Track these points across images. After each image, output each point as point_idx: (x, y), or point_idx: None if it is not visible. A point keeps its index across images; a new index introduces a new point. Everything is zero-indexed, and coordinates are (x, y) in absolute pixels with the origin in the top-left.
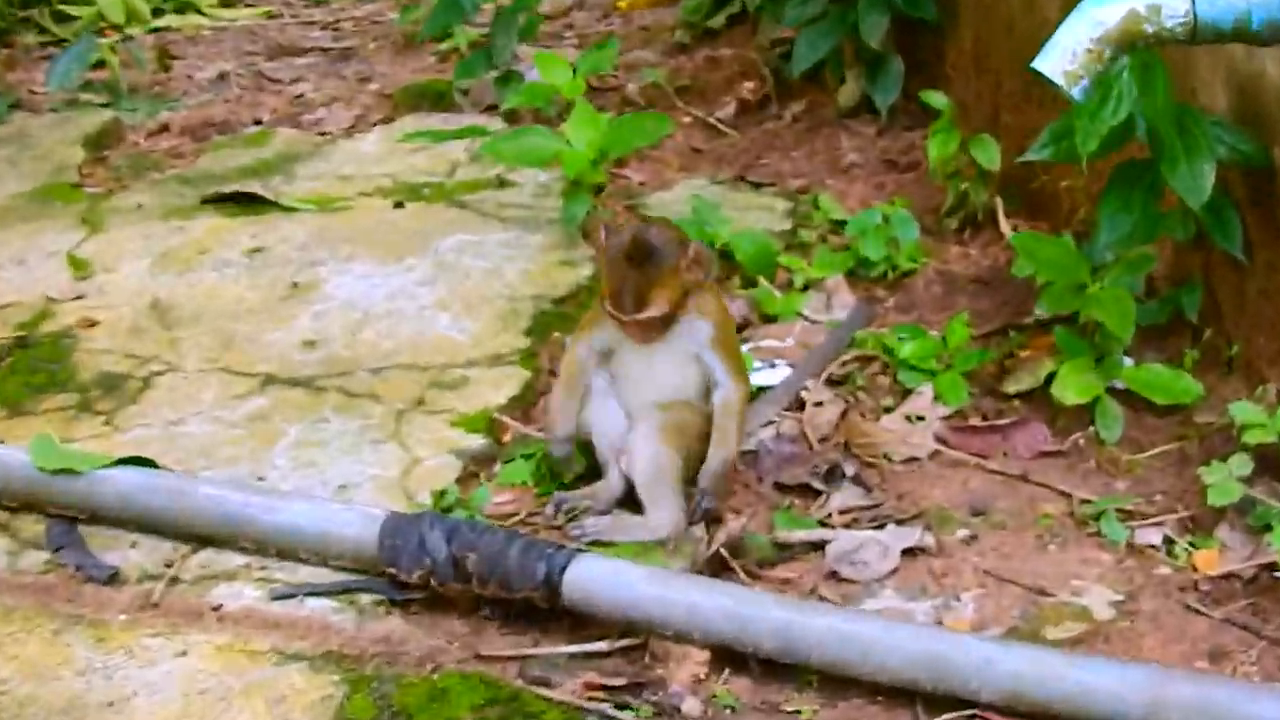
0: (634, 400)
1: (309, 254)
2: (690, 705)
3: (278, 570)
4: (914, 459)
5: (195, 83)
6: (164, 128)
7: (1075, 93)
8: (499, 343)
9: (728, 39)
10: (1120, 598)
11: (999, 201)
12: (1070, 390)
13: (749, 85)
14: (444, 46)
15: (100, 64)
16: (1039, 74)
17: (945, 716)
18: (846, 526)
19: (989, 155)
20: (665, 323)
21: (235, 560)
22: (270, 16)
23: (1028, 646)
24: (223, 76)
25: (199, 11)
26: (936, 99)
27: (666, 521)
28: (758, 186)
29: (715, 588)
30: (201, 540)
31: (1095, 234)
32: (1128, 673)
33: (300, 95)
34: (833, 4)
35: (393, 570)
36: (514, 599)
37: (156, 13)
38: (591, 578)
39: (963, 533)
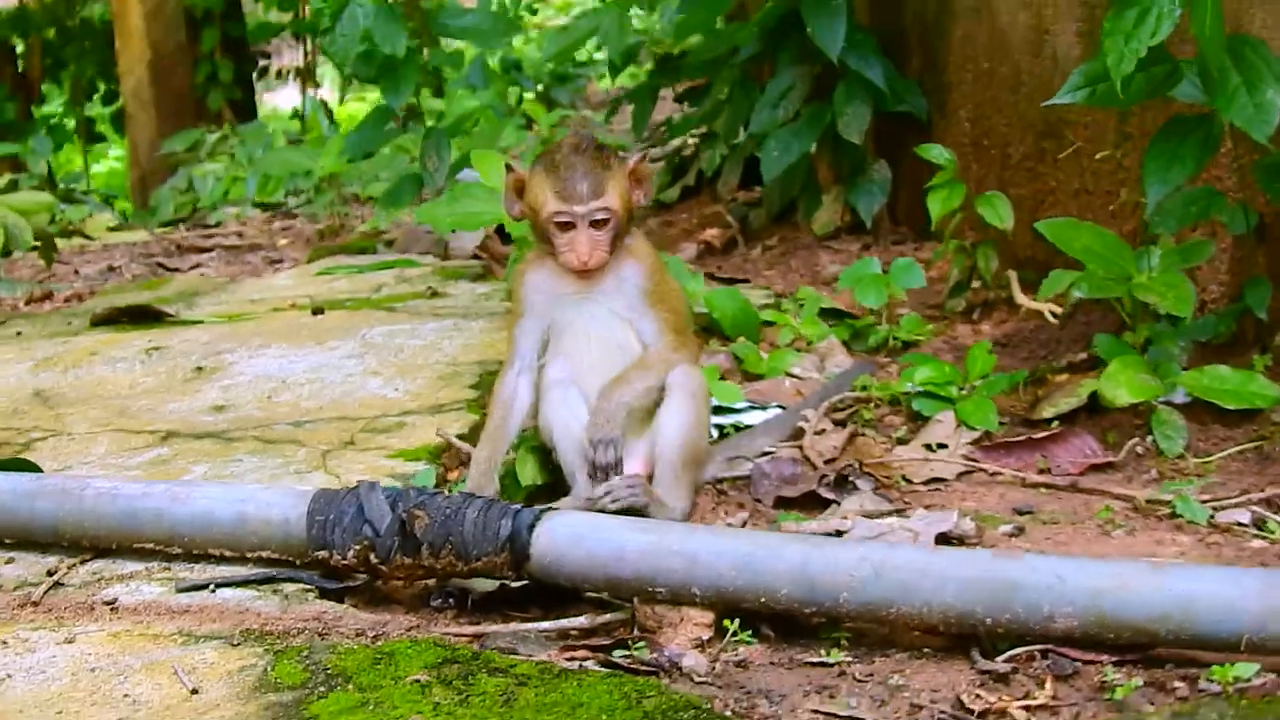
0: (595, 382)
1: (214, 347)
2: (694, 660)
3: (183, 571)
4: (938, 479)
5: (82, 276)
6: (47, 296)
7: None
8: (441, 396)
9: (683, 208)
10: None
11: (1013, 275)
12: (1124, 388)
13: (712, 232)
14: (365, 227)
15: None
16: None
17: (1012, 653)
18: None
19: (1000, 213)
20: (613, 239)
21: (131, 566)
22: (168, 232)
23: (1108, 560)
24: (113, 269)
25: (86, 236)
26: (936, 152)
27: (683, 509)
28: (732, 282)
29: (718, 533)
30: (95, 546)
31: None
32: (1240, 577)
33: (202, 276)
34: (806, 104)
35: (324, 553)
36: (471, 571)
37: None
38: (566, 533)
39: (1007, 528)
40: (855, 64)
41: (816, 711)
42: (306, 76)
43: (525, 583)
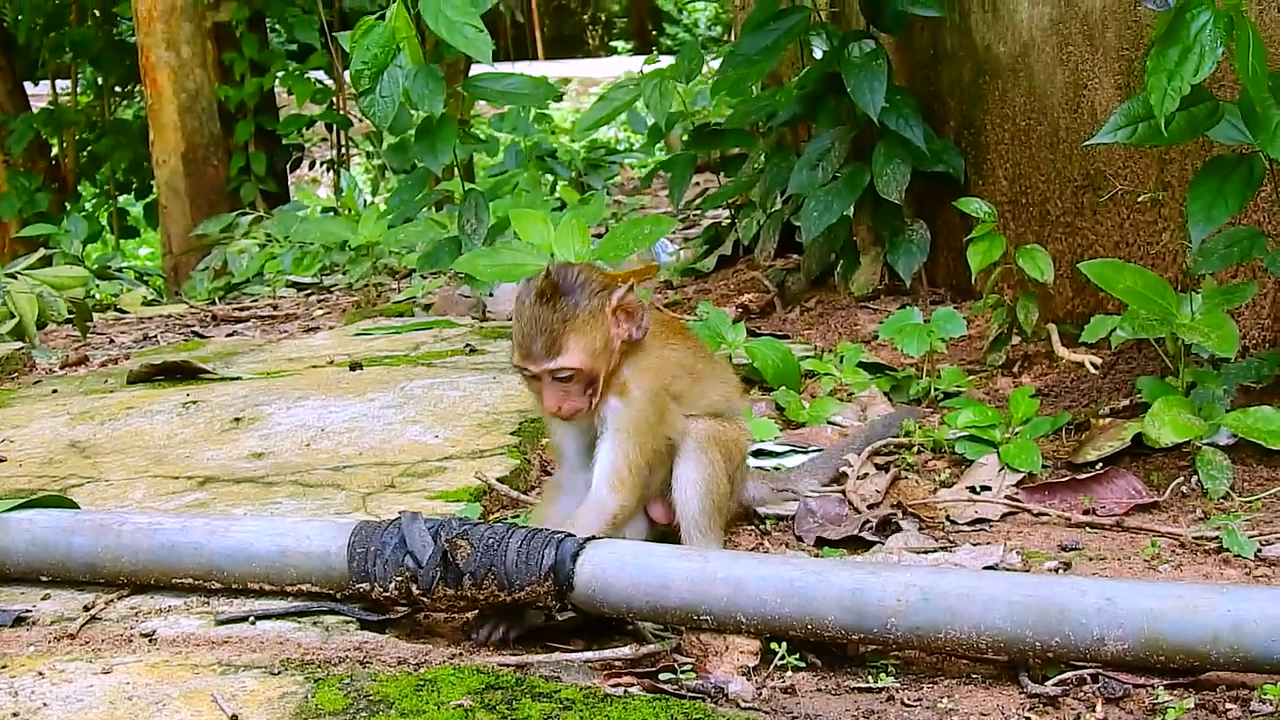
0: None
1: (253, 400)
2: (740, 687)
3: (222, 605)
4: (983, 520)
5: (118, 344)
6: (82, 360)
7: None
8: (481, 442)
9: (720, 276)
10: None
11: (1053, 328)
12: (1168, 428)
13: (749, 296)
14: (400, 298)
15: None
16: None
17: (1061, 677)
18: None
19: (1039, 266)
20: (588, 387)
21: (170, 601)
22: (203, 305)
23: (1157, 581)
24: (148, 338)
25: (121, 310)
26: (975, 206)
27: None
28: (776, 337)
29: (763, 559)
30: (132, 582)
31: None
32: None
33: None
34: (845, 166)
35: (365, 586)
36: (515, 601)
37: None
38: (611, 562)
39: (1052, 564)
40: (895, 124)
41: None
42: (339, 168)
43: (570, 615)
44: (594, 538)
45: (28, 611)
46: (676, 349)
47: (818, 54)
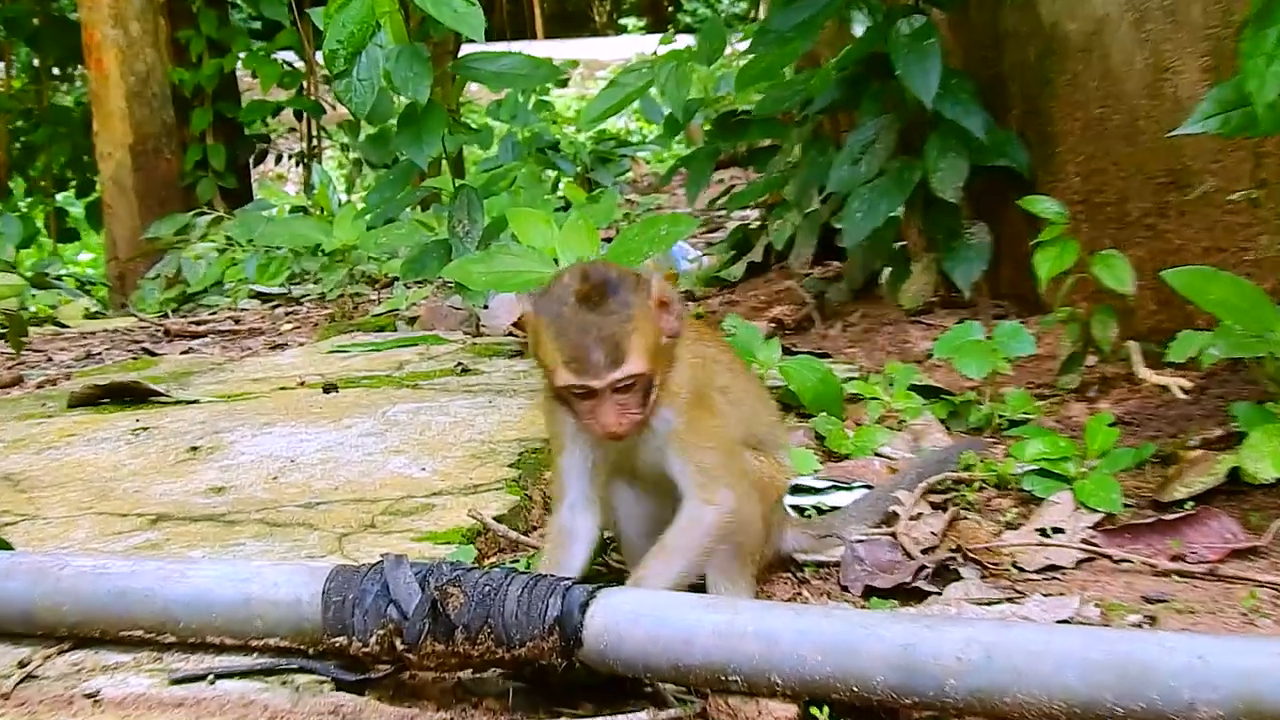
0: (637, 534)
1: (212, 426)
2: None
3: (177, 661)
4: (1055, 567)
5: (56, 363)
6: (16, 381)
7: None
8: (474, 476)
9: (750, 285)
10: None
11: (1134, 345)
12: (1268, 461)
13: (783, 309)
14: (380, 310)
15: None
16: None
17: None
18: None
19: (1118, 275)
20: (645, 395)
21: (117, 657)
22: (162, 316)
23: (1260, 638)
24: (91, 355)
25: (59, 324)
26: (1043, 205)
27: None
28: (814, 356)
29: (800, 611)
30: (75, 634)
31: None
32: None
33: (196, 356)
34: (892, 160)
35: (342, 639)
36: (514, 658)
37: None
38: (626, 613)
39: (1135, 618)
40: (950, 112)
41: None
42: (309, 162)
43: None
44: (604, 585)
45: None
46: (710, 345)
47: (859, 31)
